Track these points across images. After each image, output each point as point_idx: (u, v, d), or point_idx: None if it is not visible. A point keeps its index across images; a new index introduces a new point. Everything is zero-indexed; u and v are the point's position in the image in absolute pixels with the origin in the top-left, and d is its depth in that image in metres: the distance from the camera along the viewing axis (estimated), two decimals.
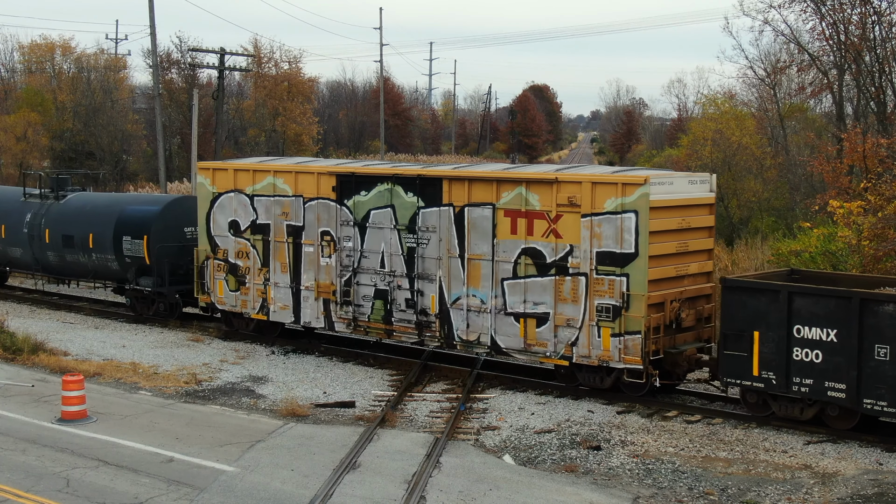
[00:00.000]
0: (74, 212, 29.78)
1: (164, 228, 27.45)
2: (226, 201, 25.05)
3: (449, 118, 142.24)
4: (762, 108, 50.83)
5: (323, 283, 23.33)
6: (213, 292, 25.57)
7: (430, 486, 15.00)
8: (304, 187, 23.50)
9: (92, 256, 28.80)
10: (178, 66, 68.10)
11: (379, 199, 22.28)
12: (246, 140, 71.36)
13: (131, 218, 28.11)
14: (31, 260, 31.17)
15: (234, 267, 24.97)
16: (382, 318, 22.47)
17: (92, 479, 15.09)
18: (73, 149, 63.71)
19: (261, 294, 24.54)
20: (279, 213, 23.94)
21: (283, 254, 23.94)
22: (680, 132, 76.94)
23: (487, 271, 20.80)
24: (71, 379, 18.37)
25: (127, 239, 27.78)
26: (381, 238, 22.33)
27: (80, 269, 29.71)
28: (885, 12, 36.91)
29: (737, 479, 15.61)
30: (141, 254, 27.51)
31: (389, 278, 22.28)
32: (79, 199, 30.65)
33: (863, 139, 30.49)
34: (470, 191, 20.98)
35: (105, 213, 28.81)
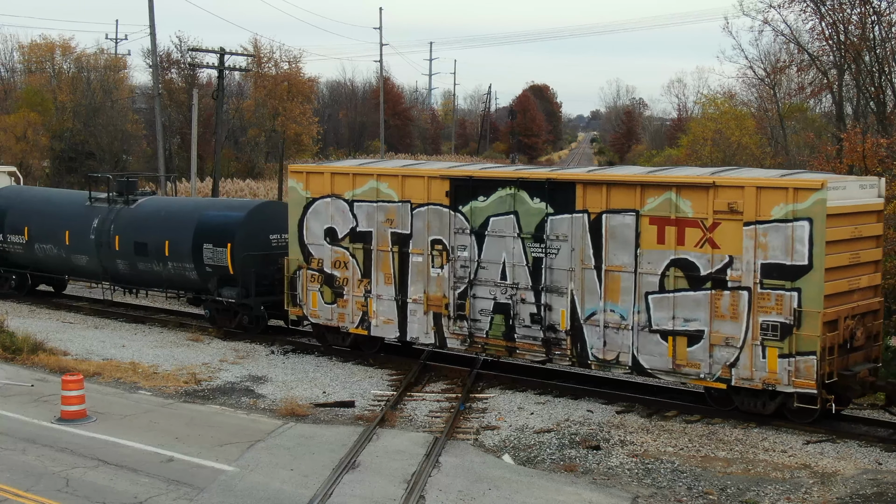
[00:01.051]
0: (147, 217, 27.85)
1: (249, 236, 25.56)
2: (321, 207, 23.25)
3: (449, 118, 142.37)
4: (762, 107, 50.88)
5: (433, 296, 21.68)
6: (306, 305, 23.78)
7: (429, 486, 15.01)
8: (411, 192, 21.77)
9: (167, 265, 26.93)
10: (178, 65, 68.18)
11: (500, 205, 20.61)
12: (246, 140, 71.42)
13: (212, 224, 26.16)
14: (97, 268, 29.10)
15: (331, 278, 23.23)
16: (503, 334, 20.81)
17: (91, 479, 15.09)
18: (73, 149, 63.76)
19: (361, 307, 22.85)
20: (383, 219, 22.25)
21: (388, 264, 22.25)
22: (680, 132, 77.03)
23: (629, 284, 19.08)
24: (70, 378, 18.36)
25: (208, 247, 25.86)
26: (502, 247, 20.65)
27: (153, 278, 27.86)
28: (885, 12, 36.91)
29: (736, 479, 15.62)
30: (224, 263, 25.62)
31: (511, 291, 20.61)
32: (151, 203, 28.81)
33: (862, 139, 30.48)
34: (608, 196, 19.25)
35: (182, 218, 26.90)
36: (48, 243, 30.01)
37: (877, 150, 29.49)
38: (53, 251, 30.02)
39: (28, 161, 55.76)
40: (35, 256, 30.78)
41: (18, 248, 30.99)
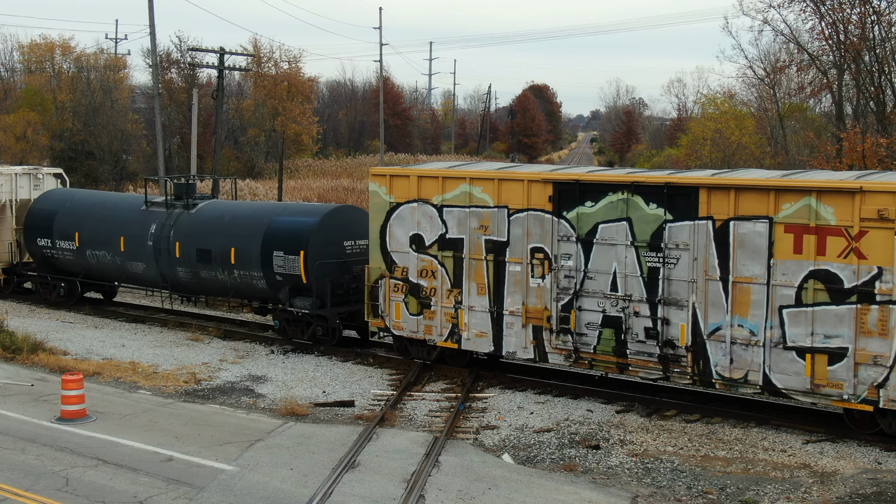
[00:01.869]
0: (210, 223, 26.31)
1: (323, 243, 24.10)
2: (406, 212, 21.82)
3: (449, 118, 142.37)
4: (762, 107, 50.90)
5: (533, 308, 20.28)
6: (388, 316, 22.39)
7: (429, 485, 15.01)
8: (509, 197, 20.39)
9: (233, 273, 25.46)
10: (178, 65, 68.23)
11: (610, 211, 19.22)
12: (246, 140, 71.46)
13: (283, 230, 24.65)
14: (155, 276, 27.58)
15: (417, 287, 21.84)
16: (613, 349, 19.41)
17: (91, 478, 15.10)
18: (73, 148, 63.77)
19: (450, 319, 21.49)
20: (476, 226, 20.88)
21: (481, 273, 20.89)
22: (680, 132, 77.06)
23: (759, 297, 17.67)
24: (70, 378, 18.37)
25: (279, 254, 24.39)
26: (613, 256, 19.28)
27: (216, 287, 26.44)
28: (885, 12, 36.94)
29: (736, 479, 15.62)
30: (296, 271, 24.13)
31: (623, 303, 19.23)
32: (213, 207, 27.24)
33: (862, 139, 30.55)
34: (737, 201, 17.82)
35: (250, 224, 25.40)
36: (101, 250, 28.59)
37: (876, 149, 29.56)
38: (107, 258, 28.58)
39: (28, 161, 55.68)
40: (87, 263, 29.32)
41: (68, 254, 29.50)
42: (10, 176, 31.24)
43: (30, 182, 31.81)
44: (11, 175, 31.29)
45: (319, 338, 24.40)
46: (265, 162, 74.12)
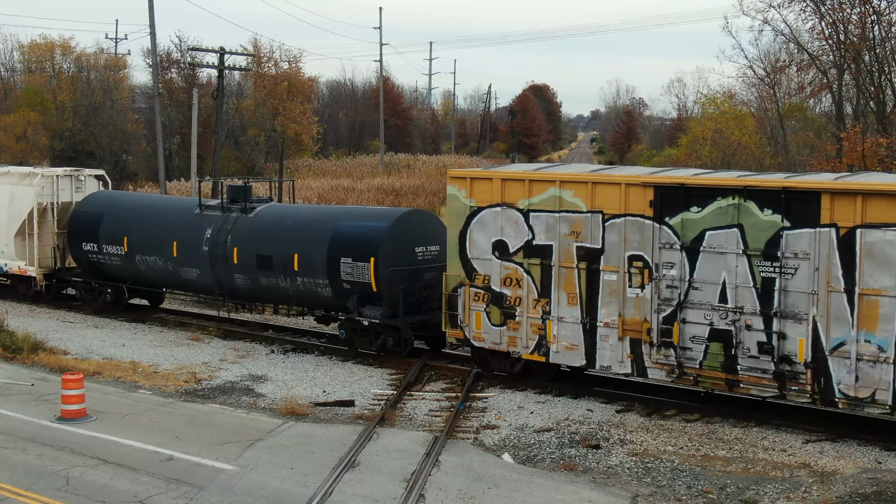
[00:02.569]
0: (270, 227, 25.13)
1: (395, 249, 22.91)
2: (489, 217, 20.72)
3: (449, 118, 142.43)
4: (762, 107, 50.91)
5: (631, 320, 19.17)
6: (468, 326, 21.22)
7: (429, 485, 15.02)
8: (603, 201, 19.24)
9: (296, 281, 24.27)
10: (178, 65, 68.26)
11: (719, 217, 18.01)
12: (246, 140, 71.46)
13: (351, 236, 23.45)
14: (210, 283, 26.36)
15: (500, 296, 20.70)
16: (721, 364, 18.18)
17: (91, 478, 15.10)
18: (73, 148, 63.82)
19: (537, 330, 20.32)
20: (566, 232, 19.73)
21: (572, 282, 19.76)
22: (680, 132, 77.11)
23: (889, 311, 16.47)
24: (70, 378, 18.38)
25: (346, 261, 23.15)
26: (722, 265, 18.08)
27: (277, 295, 25.36)
28: (885, 12, 36.97)
29: (735, 478, 15.63)
30: (366, 279, 22.94)
31: (733, 316, 18.01)
32: (273, 211, 26.05)
33: (862, 139, 30.57)
34: (864, 208, 16.61)
35: (314, 229, 24.22)
36: (152, 255, 27.38)
37: (876, 149, 29.58)
38: (158, 264, 27.36)
39: (28, 161, 55.73)
40: (136, 269, 28.10)
41: (116, 259, 28.34)
42: (51, 178, 30.30)
43: (71, 184, 30.76)
44: (52, 177, 30.35)
45: (390, 349, 23.18)
46: (265, 162, 74.11)
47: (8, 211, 30.43)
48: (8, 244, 30.55)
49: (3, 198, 30.62)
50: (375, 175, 76.93)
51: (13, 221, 30.29)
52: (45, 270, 30.44)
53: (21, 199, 30.14)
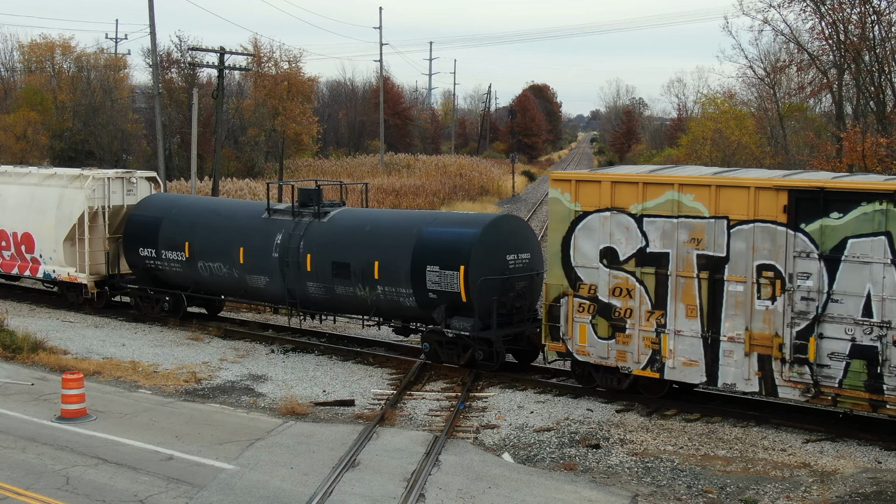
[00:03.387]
0: (346, 233, 23.76)
1: (486, 256, 21.58)
2: (595, 222, 19.49)
3: (449, 118, 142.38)
4: (762, 107, 50.95)
5: (759, 335, 17.85)
6: (571, 339, 19.97)
7: (429, 484, 15.02)
8: (729, 206, 17.99)
9: (376, 290, 22.89)
10: (178, 65, 68.20)
11: (863, 224, 16.73)
12: (246, 139, 71.46)
13: (439, 243, 22.10)
14: (280, 291, 24.91)
15: (608, 308, 19.45)
16: (865, 384, 16.88)
17: (91, 477, 15.10)
18: (73, 148, 63.82)
19: (650, 344, 19.05)
20: (685, 239, 18.47)
21: (691, 293, 18.48)
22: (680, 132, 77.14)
23: None
24: (70, 377, 18.38)
25: (433, 269, 21.83)
26: (866, 276, 16.77)
27: (353, 304, 23.82)
28: (885, 12, 36.98)
29: (735, 478, 15.63)
30: (454, 288, 21.58)
31: (879, 331, 16.69)
32: (349, 216, 24.59)
33: (862, 138, 30.58)
34: None
35: (396, 235, 22.88)
36: (216, 261, 25.99)
37: (876, 149, 29.59)
38: (222, 270, 25.95)
39: (27, 160, 55.73)
40: (198, 276, 26.77)
41: (176, 266, 27.03)
42: (102, 180, 28.84)
43: (122, 187, 29.34)
44: (104, 179, 28.89)
45: (480, 363, 21.81)
46: (265, 162, 74.12)
47: (56, 215, 29.05)
48: (56, 250, 29.10)
49: (50, 201, 29.31)
50: (375, 175, 76.90)
51: (62, 226, 28.93)
52: (97, 277, 28.94)
53: (70, 203, 28.79)
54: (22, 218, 30.00)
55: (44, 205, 29.42)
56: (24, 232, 29.92)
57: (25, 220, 29.90)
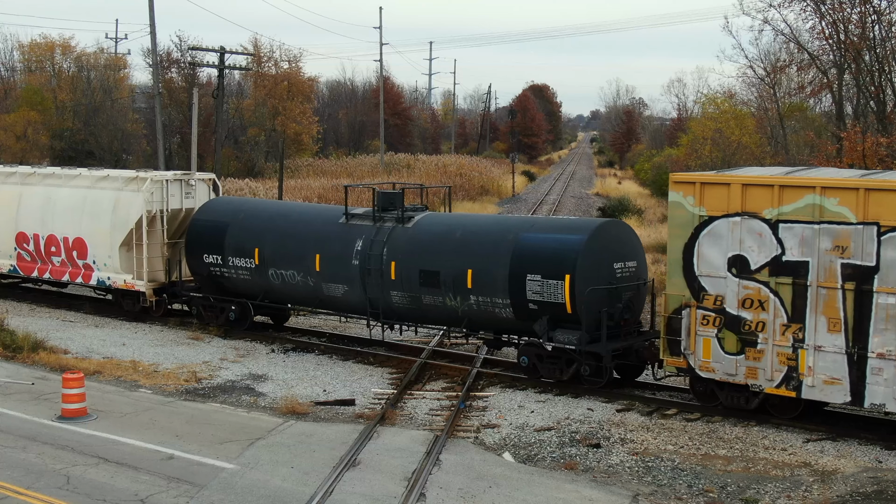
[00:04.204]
0: (435, 239, 22.43)
1: (592, 265, 20.24)
2: (723, 228, 18.18)
3: (449, 118, 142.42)
4: (762, 107, 50.94)
5: None
6: (693, 354, 18.65)
7: (429, 484, 15.02)
8: (880, 211, 16.58)
9: (468, 300, 21.54)
10: (178, 65, 68.28)
11: None
12: (246, 139, 71.52)
13: (540, 250, 20.76)
14: (360, 301, 23.48)
15: (736, 320, 18.10)
16: None
17: (92, 477, 15.10)
18: (73, 148, 63.84)
19: (785, 361, 17.70)
20: (828, 247, 17.09)
21: (834, 305, 17.12)
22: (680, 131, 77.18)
23: None
24: (71, 377, 18.37)
25: (534, 278, 20.49)
26: None
27: (442, 315, 22.46)
28: (885, 11, 36.98)
29: (736, 477, 15.63)
30: (558, 299, 20.28)
31: None
32: (436, 221, 23.30)
33: (862, 138, 30.58)
34: None
35: (491, 241, 21.60)
36: (289, 269, 24.57)
37: (877, 149, 29.59)
38: (296, 279, 24.51)
39: (27, 160, 55.74)
40: (268, 284, 25.27)
41: (244, 273, 25.52)
42: (160, 183, 27.30)
43: (181, 189, 27.80)
44: (162, 182, 27.35)
45: (586, 378, 20.46)
46: (265, 161, 74.22)
47: (111, 219, 27.59)
48: (112, 256, 27.69)
49: (104, 205, 27.85)
50: (375, 175, 76.89)
51: (118, 231, 27.45)
52: (155, 285, 27.46)
53: (127, 207, 27.32)
54: (74, 222, 28.50)
55: (98, 208, 27.98)
56: (75, 237, 28.50)
57: (77, 225, 28.39)
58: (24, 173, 30.76)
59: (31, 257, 29.89)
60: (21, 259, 30.16)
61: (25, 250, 29.98)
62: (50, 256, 29.42)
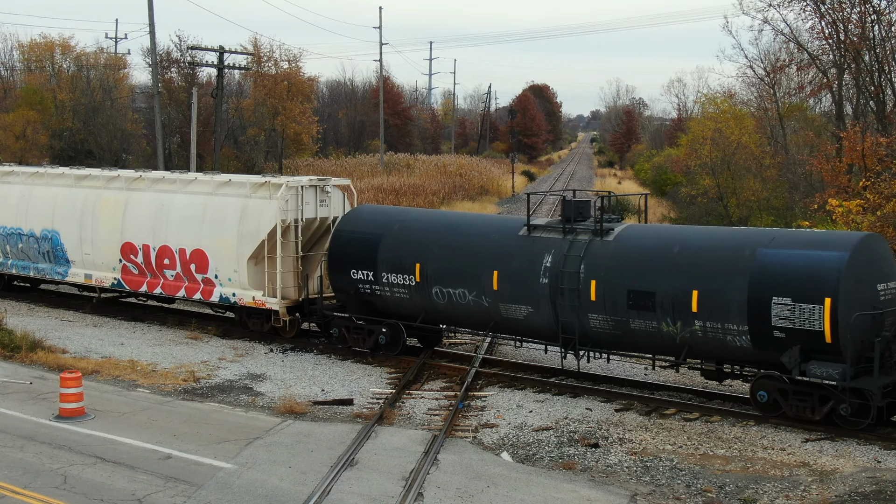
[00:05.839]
0: (646, 255, 19.87)
1: (857, 286, 17.68)
2: None
3: (449, 118, 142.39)
4: (761, 107, 50.94)
5: None
6: None
7: (427, 483, 14.99)
8: None
9: (692, 325, 18.88)
10: (178, 64, 68.15)
11: None
12: (245, 139, 71.45)
13: (788, 268, 18.13)
14: (547, 324, 20.91)
15: None
16: None
17: (89, 476, 15.07)
18: (73, 148, 63.80)
19: None
20: None
21: None
22: (679, 132, 77.16)
23: None
24: (69, 376, 18.35)
25: (782, 302, 17.87)
26: None
27: (654, 342, 19.76)
28: (885, 11, 36.97)
29: (735, 477, 15.61)
30: (815, 326, 17.61)
31: None
32: (641, 234, 20.69)
33: (862, 138, 30.55)
34: None
35: (720, 258, 18.95)
36: (458, 287, 21.97)
37: (876, 148, 29.56)
38: (466, 298, 21.91)
39: (26, 160, 55.71)
40: (430, 304, 22.63)
41: (401, 291, 22.94)
42: (295, 189, 24.54)
43: (316, 196, 25.11)
44: (297, 188, 24.59)
45: (849, 418, 17.68)
46: (265, 161, 74.11)
47: (238, 230, 24.87)
48: (238, 270, 24.94)
49: (229, 213, 25.18)
50: (375, 174, 76.89)
51: (246, 243, 24.77)
52: (289, 303, 24.70)
53: (258, 215, 24.63)
54: (191, 232, 25.80)
55: (222, 217, 25.26)
56: (193, 249, 25.76)
57: (197, 235, 25.69)
58: (129, 178, 28.17)
59: (140, 270, 27.14)
60: (127, 272, 27.42)
61: (133, 262, 27.21)
62: (162, 270, 26.62)
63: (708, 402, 19.73)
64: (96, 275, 28.29)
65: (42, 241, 29.53)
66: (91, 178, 29.00)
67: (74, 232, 28.56)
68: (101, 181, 28.56)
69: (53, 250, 29.30)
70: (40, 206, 29.55)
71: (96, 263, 28.23)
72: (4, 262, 30.94)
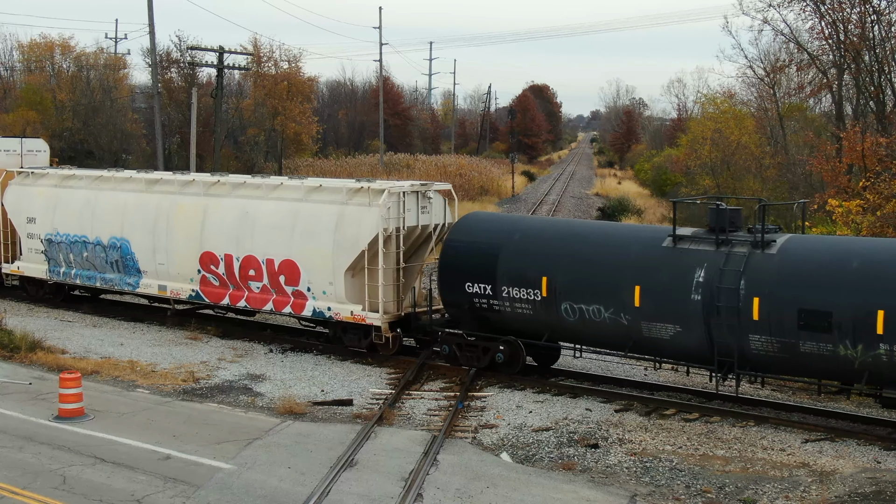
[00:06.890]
0: (819, 270, 17.92)
1: None
2: None
3: (449, 118, 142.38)
4: (761, 107, 50.97)
5: None
6: None
7: (427, 484, 14.99)
8: None
9: (875, 349, 17.06)
10: (178, 65, 68.13)
11: None
12: (245, 139, 71.46)
13: None
14: (698, 345, 19.06)
15: None
16: None
17: (89, 477, 15.07)
18: (73, 148, 63.75)
19: None
20: None
21: None
22: (679, 132, 77.12)
23: None
24: (68, 377, 18.35)
25: None
26: None
27: (829, 366, 17.89)
28: (885, 11, 37.00)
29: (734, 478, 15.60)
30: None
31: None
32: (808, 246, 18.74)
33: (862, 138, 30.58)
34: None
35: None
36: (592, 303, 20.18)
37: (876, 149, 29.59)
38: (601, 315, 20.16)
39: None
40: (556, 321, 20.87)
41: (523, 307, 21.19)
42: (397, 195, 22.83)
43: (417, 202, 23.37)
44: (399, 194, 22.86)
45: None
46: (265, 161, 74.09)
47: (333, 239, 23.16)
48: (334, 282, 23.26)
49: (323, 221, 23.46)
50: (375, 175, 76.92)
51: (343, 253, 23.05)
52: (391, 317, 23.01)
53: (356, 223, 22.95)
54: (280, 242, 24.09)
55: (314, 225, 23.59)
56: (283, 259, 24.03)
57: (286, 245, 23.98)
58: (207, 182, 26.56)
59: (221, 282, 25.44)
60: (206, 283, 25.72)
61: (213, 273, 25.52)
62: (247, 281, 24.93)
63: (708, 403, 19.71)
64: (171, 286, 26.48)
65: (110, 249, 27.74)
66: (163, 183, 27.29)
67: (147, 240, 26.81)
68: (175, 186, 26.87)
69: (123, 259, 27.51)
70: (108, 212, 27.72)
71: (171, 274, 26.46)
72: (67, 272, 29.02)
